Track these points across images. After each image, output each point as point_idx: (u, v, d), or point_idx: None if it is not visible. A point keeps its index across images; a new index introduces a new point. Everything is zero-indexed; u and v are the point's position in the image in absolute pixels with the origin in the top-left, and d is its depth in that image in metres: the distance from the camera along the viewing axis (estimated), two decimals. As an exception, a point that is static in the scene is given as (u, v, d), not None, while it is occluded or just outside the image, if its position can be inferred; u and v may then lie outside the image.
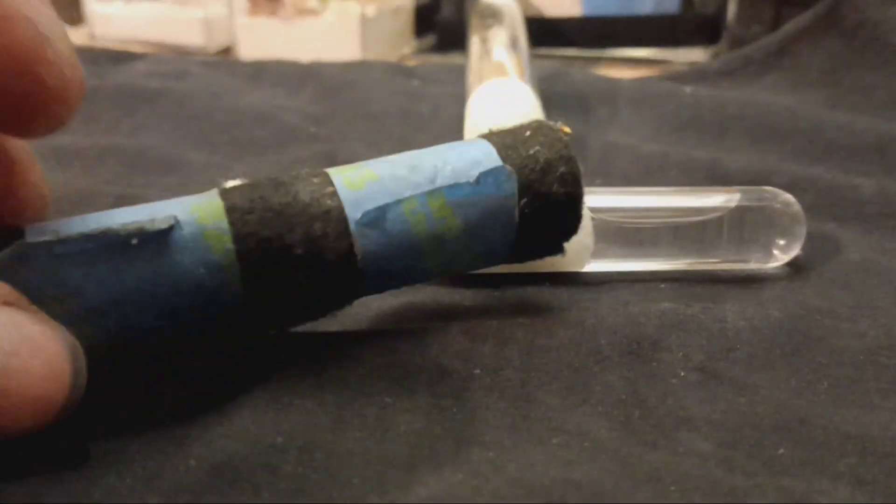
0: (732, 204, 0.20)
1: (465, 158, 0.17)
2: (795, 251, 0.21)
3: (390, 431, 0.15)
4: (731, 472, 0.14)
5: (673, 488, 0.14)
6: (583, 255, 0.20)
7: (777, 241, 0.21)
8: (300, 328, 0.18)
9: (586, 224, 0.20)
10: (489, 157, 0.17)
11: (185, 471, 0.14)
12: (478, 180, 0.16)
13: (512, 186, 0.16)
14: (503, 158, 0.16)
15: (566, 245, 0.18)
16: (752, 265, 0.21)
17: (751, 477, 0.14)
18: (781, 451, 0.15)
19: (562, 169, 0.17)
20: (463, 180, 0.16)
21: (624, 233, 0.21)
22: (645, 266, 0.21)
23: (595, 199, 0.21)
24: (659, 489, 0.14)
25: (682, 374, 0.17)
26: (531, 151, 0.17)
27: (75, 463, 0.15)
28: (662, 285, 0.20)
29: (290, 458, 0.15)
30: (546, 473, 0.14)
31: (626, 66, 0.51)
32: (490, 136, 0.17)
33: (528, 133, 0.17)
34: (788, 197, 0.21)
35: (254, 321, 0.16)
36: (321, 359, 0.17)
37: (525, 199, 0.16)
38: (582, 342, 0.18)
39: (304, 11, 0.53)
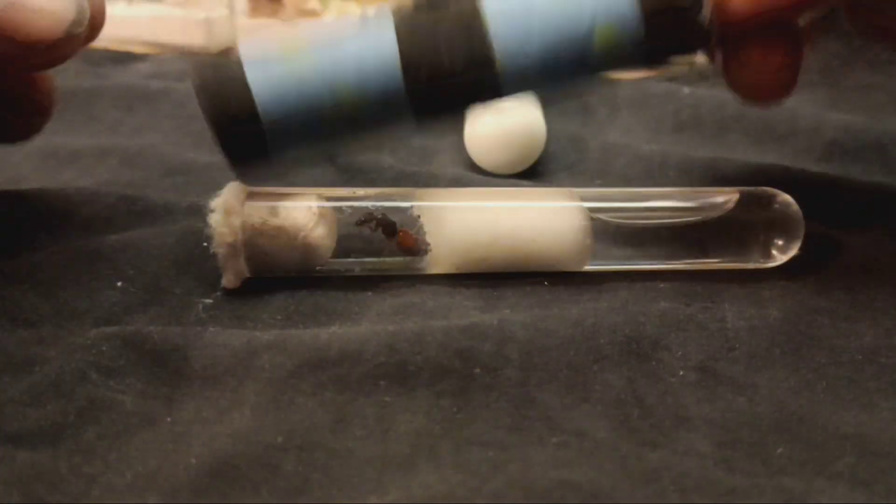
0: (732, 204, 0.21)
1: None
2: (794, 251, 0.21)
3: (390, 431, 0.15)
4: (730, 471, 0.14)
5: (672, 488, 0.14)
6: (582, 255, 0.20)
7: (776, 240, 0.21)
8: (300, 327, 0.18)
9: (585, 224, 0.20)
10: None
11: (185, 470, 0.14)
12: None
13: None
14: None
15: (565, 247, 0.18)
16: (752, 265, 0.21)
17: (750, 477, 0.14)
18: (780, 450, 0.15)
19: None
20: None
21: (624, 233, 0.21)
22: (645, 266, 0.21)
23: (595, 199, 0.21)
24: (658, 489, 0.14)
25: (682, 373, 0.17)
26: None
27: (76, 462, 0.15)
28: (662, 285, 0.20)
29: (290, 458, 0.15)
30: (545, 474, 0.14)
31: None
32: None
33: None
34: (787, 197, 0.21)
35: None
36: (321, 359, 0.17)
37: None
38: (581, 341, 0.18)
39: (304, 12, 0.53)
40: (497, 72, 0.18)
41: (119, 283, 0.20)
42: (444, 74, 0.18)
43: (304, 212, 0.20)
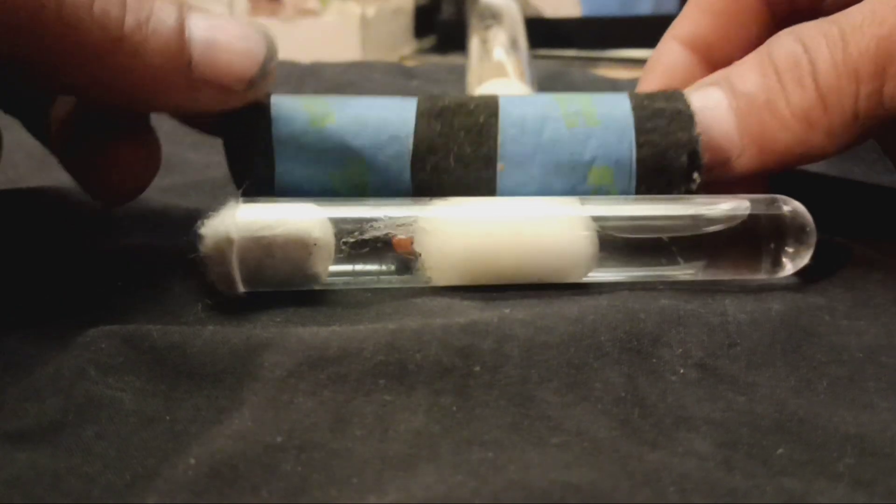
0: (741, 212, 0.20)
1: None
2: (805, 260, 0.20)
3: (390, 430, 0.15)
4: (730, 472, 0.14)
5: (672, 489, 0.14)
6: (587, 265, 0.20)
7: (787, 249, 0.20)
8: (300, 326, 0.18)
9: (590, 235, 0.20)
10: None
11: (185, 470, 0.14)
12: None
13: None
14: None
15: (569, 262, 0.20)
16: (762, 275, 0.21)
17: (750, 477, 0.14)
18: (780, 451, 0.15)
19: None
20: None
21: (629, 242, 0.20)
22: (650, 274, 0.21)
23: (599, 207, 0.20)
24: (658, 490, 0.14)
25: (682, 371, 0.17)
26: None
27: (75, 462, 0.15)
28: (662, 283, 0.20)
29: (289, 458, 0.15)
30: (545, 475, 0.14)
31: (626, 66, 0.51)
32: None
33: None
34: (797, 204, 0.20)
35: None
36: (321, 358, 0.17)
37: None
38: (582, 338, 0.17)
39: (304, 12, 0.53)
40: (495, 184, 0.21)
41: (119, 283, 0.20)
42: (448, 172, 0.21)
43: (301, 247, 0.19)
